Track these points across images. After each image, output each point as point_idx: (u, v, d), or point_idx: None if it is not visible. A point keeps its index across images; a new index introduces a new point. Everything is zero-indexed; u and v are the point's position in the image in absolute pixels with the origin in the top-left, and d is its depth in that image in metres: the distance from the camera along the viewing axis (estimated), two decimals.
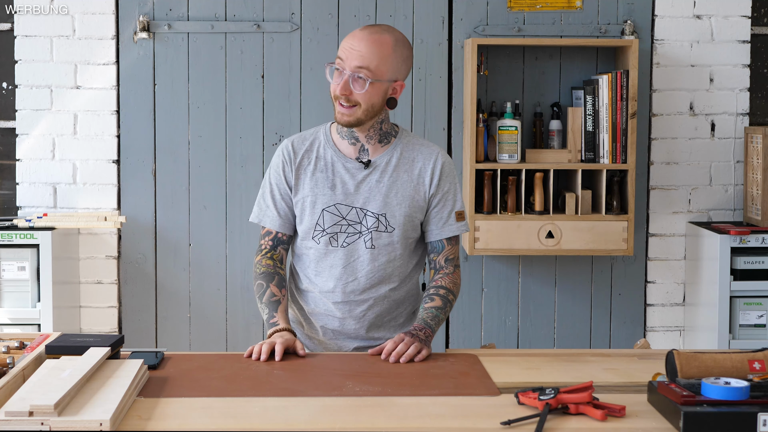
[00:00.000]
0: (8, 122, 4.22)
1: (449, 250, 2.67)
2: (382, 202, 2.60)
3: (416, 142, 2.68)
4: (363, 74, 2.50)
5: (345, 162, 2.62)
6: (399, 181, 2.61)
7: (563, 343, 4.29)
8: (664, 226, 4.29)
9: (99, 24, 4.14)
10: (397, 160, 2.63)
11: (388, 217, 2.60)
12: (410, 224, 2.63)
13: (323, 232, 2.60)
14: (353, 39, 2.53)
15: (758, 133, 4.04)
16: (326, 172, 2.62)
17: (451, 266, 2.67)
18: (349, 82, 2.51)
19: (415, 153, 2.65)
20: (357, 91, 2.51)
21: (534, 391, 2.04)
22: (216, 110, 4.19)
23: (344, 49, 2.53)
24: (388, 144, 2.64)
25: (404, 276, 2.67)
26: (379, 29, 2.56)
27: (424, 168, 2.63)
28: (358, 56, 2.50)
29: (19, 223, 3.94)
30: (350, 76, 2.51)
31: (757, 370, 2.02)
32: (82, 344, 2.27)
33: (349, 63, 2.51)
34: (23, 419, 1.82)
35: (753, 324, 3.99)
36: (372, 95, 2.53)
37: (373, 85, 2.52)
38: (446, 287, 2.64)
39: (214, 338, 4.26)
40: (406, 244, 2.64)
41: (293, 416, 2.00)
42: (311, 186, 2.61)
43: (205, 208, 4.21)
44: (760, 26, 4.28)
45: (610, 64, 4.22)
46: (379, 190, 2.60)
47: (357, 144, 2.62)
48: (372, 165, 2.62)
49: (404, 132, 2.69)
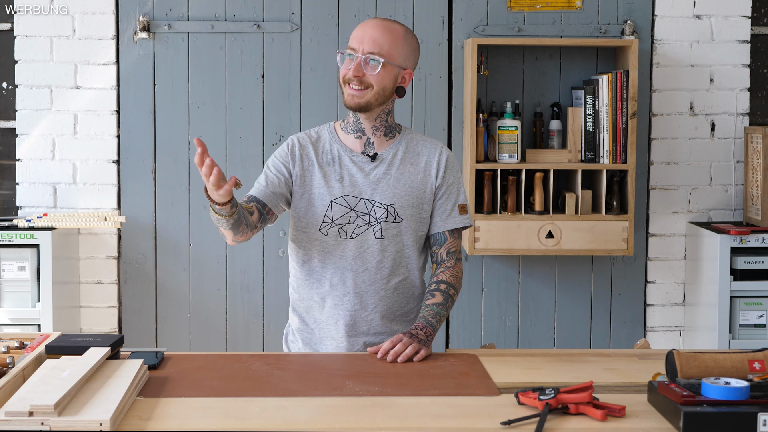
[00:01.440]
0: (8, 122, 4.22)
1: (451, 243, 2.69)
2: (391, 194, 2.63)
3: (419, 138, 2.74)
4: (376, 57, 2.58)
5: (352, 156, 2.66)
6: (406, 174, 2.66)
7: (563, 343, 4.29)
8: (664, 226, 4.29)
9: (99, 24, 4.14)
10: (402, 153, 2.68)
11: (397, 208, 2.63)
12: (418, 216, 2.66)
13: (332, 223, 2.62)
14: (365, 27, 2.62)
15: (758, 133, 4.04)
16: (333, 165, 2.66)
17: (453, 259, 2.69)
18: (362, 65, 2.58)
19: (420, 147, 2.71)
20: (370, 72, 2.58)
21: (534, 391, 2.04)
22: (216, 110, 4.19)
23: (356, 37, 2.61)
24: (393, 139, 2.70)
25: (414, 269, 2.68)
26: (389, 19, 2.68)
27: (429, 161, 2.68)
28: (371, 40, 2.59)
29: (19, 223, 3.94)
30: (363, 59, 2.58)
31: (757, 370, 2.02)
32: (82, 344, 2.28)
33: (362, 47, 2.59)
34: (23, 419, 1.82)
35: (753, 324, 3.99)
36: (384, 78, 2.59)
37: (385, 67, 2.59)
38: (447, 282, 2.65)
39: (214, 338, 4.26)
40: (415, 237, 2.66)
41: (293, 416, 2.00)
42: (319, 178, 2.64)
43: (205, 208, 4.21)
44: (760, 26, 4.28)
45: (610, 64, 4.22)
46: (387, 181, 2.64)
47: (363, 137, 2.66)
48: (378, 158, 2.66)
49: (407, 129, 2.75)
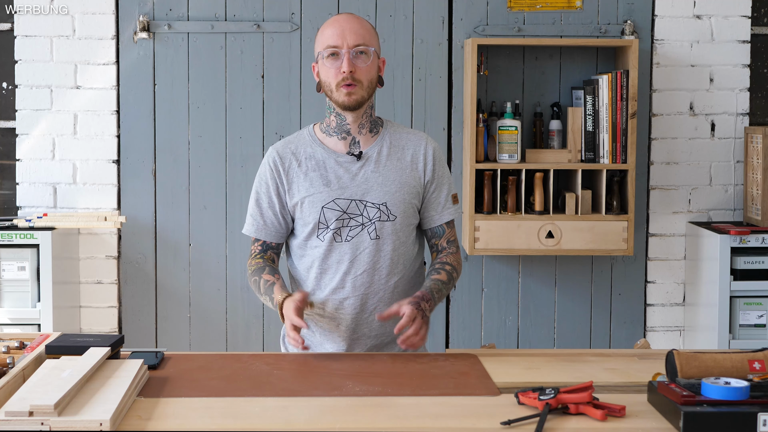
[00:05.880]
0: (8, 122, 4.22)
1: (449, 233, 2.72)
2: (381, 192, 2.62)
3: (402, 130, 2.72)
4: (363, 49, 2.57)
5: (336, 157, 2.64)
6: (394, 170, 2.64)
7: (563, 343, 4.29)
8: (664, 226, 4.29)
9: (99, 24, 4.14)
10: (387, 149, 2.66)
11: (389, 206, 2.62)
12: (410, 210, 2.65)
13: (326, 228, 2.61)
14: (339, 23, 2.59)
15: (758, 133, 4.04)
16: (319, 170, 2.63)
17: (454, 247, 2.72)
18: (351, 60, 2.56)
19: (404, 141, 2.69)
20: (361, 65, 2.57)
21: (534, 391, 2.04)
22: (216, 110, 4.19)
23: (332, 35, 2.57)
24: (377, 134, 2.68)
25: (409, 266, 2.68)
26: (350, 13, 2.67)
27: (416, 154, 2.67)
28: (354, 34, 2.57)
29: (19, 223, 3.94)
30: (352, 53, 2.56)
31: (757, 370, 2.02)
32: (82, 344, 2.28)
33: (347, 42, 2.56)
34: (23, 419, 1.82)
35: (753, 324, 3.99)
36: (371, 69, 2.60)
37: (373, 57, 2.59)
38: (452, 264, 2.68)
39: (214, 338, 4.26)
40: (408, 231, 2.66)
41: (293, 416, 2.00)
42: (306, 186, 2.62)
43: (205, 208, 4.21)
44: (760, 26, 4.28)
45: (610, 64, 4.22)
46: (376, 180, 2.62)
47: (348, 138, 2.65)
48: (364, 156, 2.64)
49: (388, 122, 2.73)
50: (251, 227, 2.70)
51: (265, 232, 2.68)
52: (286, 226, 2.68)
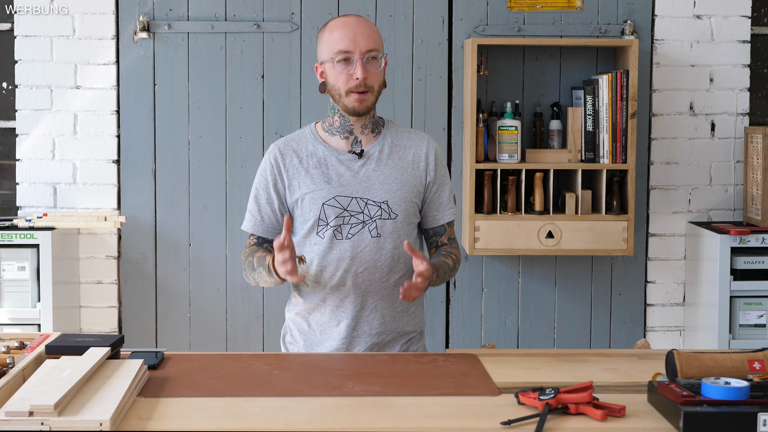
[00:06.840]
0: (8, 122, 4.22)
1: (450, 231, 2.76)
2: (383, 190, 2.62)
3: (404, 130, 2.72)
4: (374, 54, 2.57)
5: (338, 155, 2.64)
6: (395, 168, 2.64)
7: (563, 343, 4.29)
8: (664, 226, 4.29)
9: (99, 24, 4.14)
10: (389, 148, 2.66)
11: (391, 204, 2.62)
12: (412, 209, 2.66)
13: (327, 225, 2.61)
14: (350, 27, 2.56)
15: (758, 133, 4.04)
16: (320, 167, 2.63)
17: (455, 244, 2.76)
18: (364, 66, 2.55)
19: (405, 140, 2.69)
20: (373, 71, 2.57)
21: (534, 391, 2.04)
22: (216, 110, 4.19)
23: (345, 39, 2.55)
24: (379, 134, 2.68)
25: (410, 264, 2.66)
26: (358, 15, 2.66)
27: (417, 155, 2.67)
28: (366, 38, 2.56)
29: (19, 223, 3.94)
30: (364, 59, 2.55)
31: (757, 370, 2.02)
32: (82, 344, 2.28)
33: (360, 47, 2.54)
34: (23, 419, 1.82)
35: (753, 324, 3.99)
36: (381, 74, 2.61)
37: (383, 62, 2.59)
38: (456, 255, 2.72)
39: (214, 338, 4.26)
40: (409, 230, 2.66)
41: (293, 416, 2.00)
42: (308, 183, 2.62)
43: (205, 208, 4.21)
44: (760, 26, 4.28)
45: (610, 64, 4.22)
46: (378, 178, 2.62)
47: (350, 137, 2.65)
48: (365, 155, 2.64)
49: (390, 122, 2.73)
50: (248, 223, 2.71)
51: (263, 228, 2.69)
52: (279, 221, 2.68)
